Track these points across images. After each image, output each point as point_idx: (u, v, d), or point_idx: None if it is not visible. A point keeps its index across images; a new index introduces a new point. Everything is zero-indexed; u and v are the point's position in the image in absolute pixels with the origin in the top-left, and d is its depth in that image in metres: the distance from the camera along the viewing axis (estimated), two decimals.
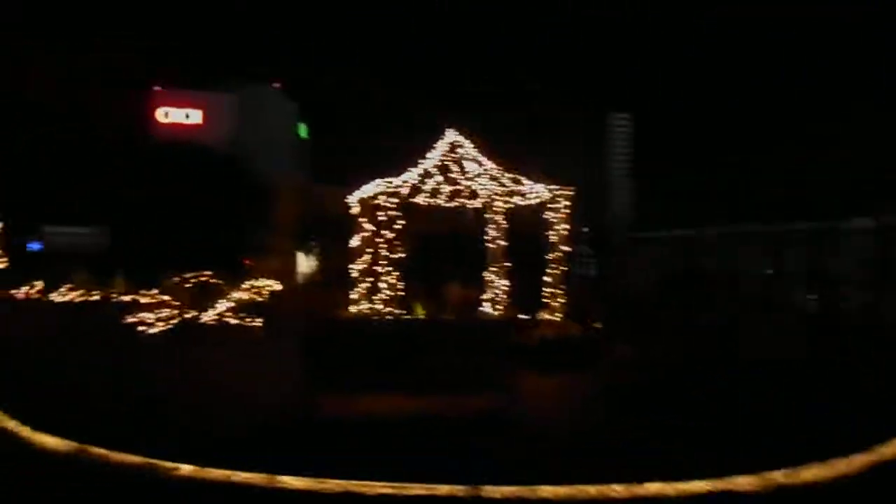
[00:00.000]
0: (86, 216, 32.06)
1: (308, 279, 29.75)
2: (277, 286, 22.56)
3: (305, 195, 32.03)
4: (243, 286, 21.58)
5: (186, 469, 6.19)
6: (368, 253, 12.27)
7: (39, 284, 24.61)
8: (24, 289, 24.09)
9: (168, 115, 66.63)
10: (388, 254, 11.37)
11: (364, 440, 7.19)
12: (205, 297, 19.13)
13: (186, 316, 17.46)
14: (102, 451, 6.79)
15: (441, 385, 8.54)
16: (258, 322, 16.79)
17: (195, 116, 66.70)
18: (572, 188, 11.69)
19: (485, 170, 11.92)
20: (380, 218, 11.42)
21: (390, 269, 11.26)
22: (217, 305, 18.68)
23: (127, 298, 23.96)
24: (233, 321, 16.94)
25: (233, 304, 19.43)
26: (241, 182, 28.00)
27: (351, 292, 12.86)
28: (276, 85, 70.59)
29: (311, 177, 59.74)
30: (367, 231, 12.45)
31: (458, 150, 12.03)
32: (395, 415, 8.00)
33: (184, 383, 9.87)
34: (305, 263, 30.89)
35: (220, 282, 20.40)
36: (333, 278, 26.33)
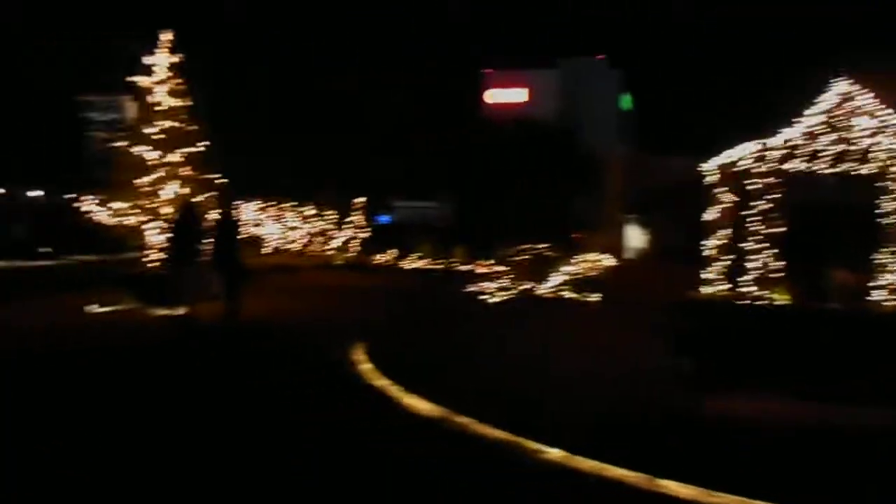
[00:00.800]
0: (432, 191, 35.41)
1: (640, 254, 28.68)
2: (610, 261, 21.85)
3: (634, 166, 30.75)
4: (575, 260, 21.31)
5: (554, 454, 5.81)
6: (728, 227, 10.83)
7: (393, 253, 27.59)
8: (382, 256, 27.26)
9: (496, 95, 70.31)
10: (758, 228, 9.84)
11: (753, 450, 6.11)
12: (540, 269, 19.26)
13: (523, 287, 17.74)
14: (466, 419, 6.80)
15: (843, 391, 7.00)
16: (595, 297, 16.35)
17: (521, 95, 69.35)
18: None
19: (886, 126, 9.62)
20: (748, 187, 9.92)
21: (762, 246, 9.72)
22: (552, 278, 18.68)
23: (466, 268, 25.56)
24: (568, 295, 16.73)
25: (566, 278, 19.26)
26: (569, 156, 27.80)
27: (703, 271, 11.60)
28: (600, 57, 69.85)
29: (637, 147, 57.97)
30: (726, 202, 10.99)
31: (849, 103, 9.88)
32: (793, 423, 6.71)
33: (535, 357, 9.71)
34: (636, 238, 29.81)
35: (554, 254, 20.39)
36: (670, 254, 24.77)
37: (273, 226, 26.74)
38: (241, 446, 6.09)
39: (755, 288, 9.52)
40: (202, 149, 14.17)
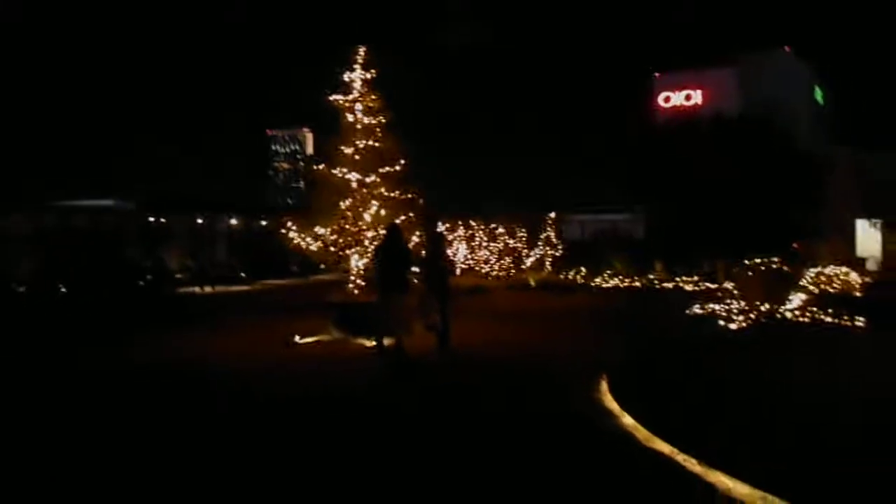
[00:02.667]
0: (617, 201, 32.84)
1: (884, 265, 24.33)
2: (853, 275, 18.34)
3: (860, 165, 26.35)
4: (808, 274, 18.06)
5: None
6: None
7: (582, 270, 25.41)
8: (572, 273, 25.17)
9: (669, 99, 65.86)
10: None
11: None
12: (775, 287, 16.30)
13: (760, 309, 14.94)
14: None
15: None
16: (860, 321, 13.20)
17: (696, 97, 64.39)
18: None
19: None
20: None
21: None
22: (791, 298, 15.70)
23: (668, 285, 22.81)
24: (826, 319, 13.71)
25: (806, 297, 16.20)
26: (785, 155, 24.18)
27: None
28: (786, 48, 63.41)
29: (835, 143, 51.55)
30: None
31: None
32: None
33: (862, 413, 7.21)
34: (871, 246, 25.40)
35: (790, 269, 17.31)
36: None
37: (461, 245, 25.60)
38: None
39: None
40: (399, 168, 13.05)
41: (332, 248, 12.80)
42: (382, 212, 12.92)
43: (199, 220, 32.96)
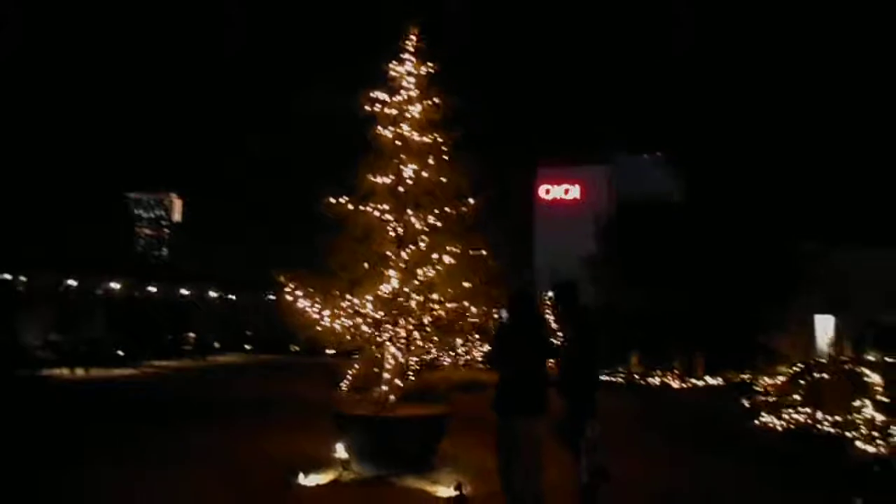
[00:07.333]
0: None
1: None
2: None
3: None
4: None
5: None
6: None
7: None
8: None
9: (549, 191, 65.46)
10: None
11: None
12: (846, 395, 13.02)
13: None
14: None
15: None
16: None
17: (574, 191, 64.43)
18: None
19: None
20: None
21: None
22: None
23: (655, 381, 19.28)
24: None
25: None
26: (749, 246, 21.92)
27: None
28: (656, 153, 65.84)
29: None
30: None
31: None
32: None
33: None
34: (825, 339, 23.48)
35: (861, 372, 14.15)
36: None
37: None
38: None
39: None
40: (465, 209, 8.27)
41: (364, 328, 7.60)
42: (431, 272, 7.95)
43: (70, 282, 25.09)
